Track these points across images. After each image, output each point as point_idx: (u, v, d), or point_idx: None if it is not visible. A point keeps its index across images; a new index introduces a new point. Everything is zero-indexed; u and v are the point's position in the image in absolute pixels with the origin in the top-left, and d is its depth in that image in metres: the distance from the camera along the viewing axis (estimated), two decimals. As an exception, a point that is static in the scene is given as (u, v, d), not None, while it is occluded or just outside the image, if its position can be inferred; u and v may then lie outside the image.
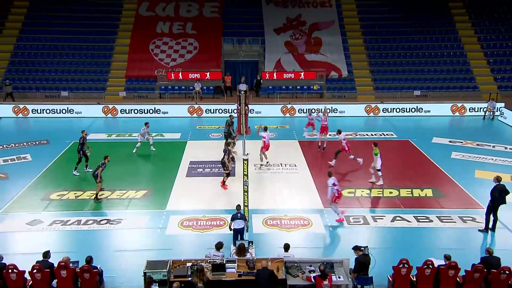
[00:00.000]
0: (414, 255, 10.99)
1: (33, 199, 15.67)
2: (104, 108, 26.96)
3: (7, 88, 28.37)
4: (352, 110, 27.42)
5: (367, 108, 27.41)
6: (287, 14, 34.53)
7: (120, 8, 35.02)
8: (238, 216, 12.20)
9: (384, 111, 27.39)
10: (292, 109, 27.32)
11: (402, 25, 34.03)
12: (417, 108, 27.47)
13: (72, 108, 26.86)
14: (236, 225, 12.11)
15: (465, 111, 27.44)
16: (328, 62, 31.87)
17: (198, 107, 27.22)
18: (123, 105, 27.41)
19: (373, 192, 16.40)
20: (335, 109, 27.14)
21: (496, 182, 13.39)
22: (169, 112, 27.15)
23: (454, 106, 27.48)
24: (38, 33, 32.52)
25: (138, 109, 27.12)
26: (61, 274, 10.01)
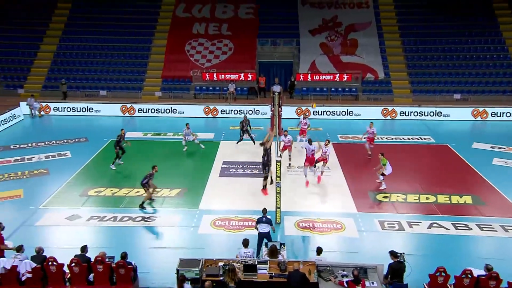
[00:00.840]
0: (452, 264, 10.63)
1: (72, 195, 16.19)
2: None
3: (62, 87, 29.44)
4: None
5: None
6: (323, 15, 34.24)
7: (158, 9, 35.70)
8: (264, 220, 12.09)
9: (421, 114, 26.66)
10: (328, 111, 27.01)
11: (442, 26, 33.05)
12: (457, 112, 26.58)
13: (110, 107, 27.52)
14: (261, 229, 12.01)
15: (508, 116, 26.32)
16: (364, 64, 31.37)
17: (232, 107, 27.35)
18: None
19: (409, 198, 15.98)
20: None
21: None
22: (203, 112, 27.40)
23: (495, 110, 26.44)
24: (79, 34, 33.58)
25: (171, 108, 27.49)
26: (98, 268, 10.28)
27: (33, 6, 34.70)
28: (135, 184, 17.01)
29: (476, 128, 25.20)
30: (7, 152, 20.62)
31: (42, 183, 17.21)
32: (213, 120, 26.68)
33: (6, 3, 34.42)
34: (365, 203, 15.61)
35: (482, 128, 25.17)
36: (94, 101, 28.75)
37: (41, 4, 34.94)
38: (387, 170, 16.35)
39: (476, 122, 26.09)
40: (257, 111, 26.97)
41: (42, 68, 32.07)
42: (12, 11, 34.31)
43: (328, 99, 30.02)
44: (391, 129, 24.59)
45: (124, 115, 27.33)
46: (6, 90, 30.90)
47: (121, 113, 27.34)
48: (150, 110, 27.48)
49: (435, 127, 24.98)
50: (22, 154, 20.26)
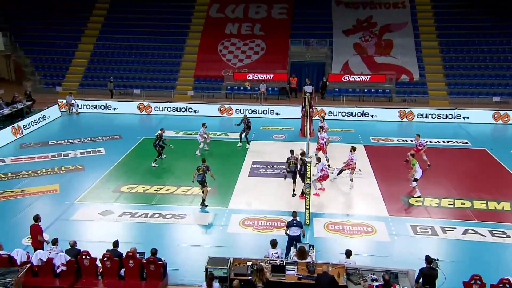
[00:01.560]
0: (488, 272, 10.29)
1: (105, 191, 16.59)
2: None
3: (110, 85, 30.24)
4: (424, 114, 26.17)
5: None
6: (357, 15, 33.77)
7: (192, 9, 36.16)
8: (294, 223, 11.96)
9: (459, 117, 25.86)
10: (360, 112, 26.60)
11: (481, 26, 31.97)
12: (493, 115, 25.64)
13: (145, 105, 28.05)
14: (292, 232, 11.89)
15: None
16: (399, 65, 30.72)
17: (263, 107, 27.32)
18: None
19: (443, 202, 15.52)
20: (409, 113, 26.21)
21: None
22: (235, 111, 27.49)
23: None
24: (116, 33, 34.46)
25: (204, 107, 27.71)
26: (129, 263, 10.49)
27: (72, 6, 35.83)
28: (165, 181, 17.34)
29: None
30: (45, 148, 21.35)
31: (77, 178, 17.72)
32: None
33: (46, 3, 35.67)
34: (397, 207, 15.27)
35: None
36: (128, 99, 29.43)
37: (80, 4, 36.04)
38: (417, 173, 15.91)
39: None
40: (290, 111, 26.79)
41: (79, 66, 33.08)
42: (51, 11, 35.53)
43: (361, 100, 29.56)
44: (425, 131, 23.90)
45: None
46: (45, 87, 32.02)
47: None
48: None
49: (473, 130, 24.18)
50: (59, 150, 20.93)
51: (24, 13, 35.44)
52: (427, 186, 16.73)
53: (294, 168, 15.62)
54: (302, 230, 11.96)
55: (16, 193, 16.33)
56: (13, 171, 18.37)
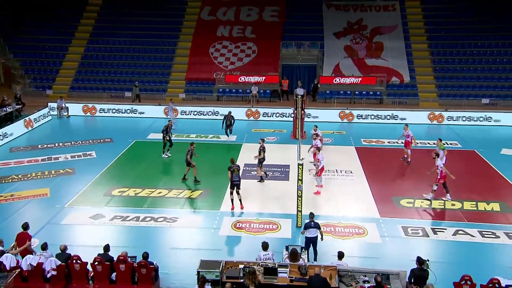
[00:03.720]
0: (478, 272, 10.35)
1: (96, 194, 16.48)
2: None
3: (135, 89, 29.82)
4: (414, 117, 26.38)
5: (430, 115, 26.31)
6: (348, 18, 33.97)
7: (183, 12, 36.14)
8: (312, 224, 11.90)
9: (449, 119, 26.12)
10: (350, 114, 26.74)
11: (471, 29, 32.32)
12: (486, 117, 25.91)
13: (136, 109, 27.96)
14: (309, 234, 11.86)
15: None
16: (389, 67, 30.94)
17: (256, 110, 27.33)
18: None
19: (434, 204, 15.64)
20: (395, 116, 26.33)
21: None
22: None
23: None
24: (106, 36, 34.31)
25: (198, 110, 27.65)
26: (120, 267, 10.42)
27: (63, 9, 35.63)
28: (157, 185, 17.25)
29: (506, 134, 24.41)
30: (35, 151, 21.17)
31: (68, 182, 17.58)
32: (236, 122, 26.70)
33: (36, 5, 35.42)
34: (388, 208, 15.35)
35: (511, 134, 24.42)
36: (119, 102, 29.32)
37: (71, 7, 35.84)
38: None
39: (507, 128, 25.30)
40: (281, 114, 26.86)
41: (70, 69, 32.86)
42: (42, 14, 35.28)
43: (352, 102, 29.71)
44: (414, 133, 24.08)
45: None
46: (35, 91, 31.76)
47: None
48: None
49: (462, 132, 24.43)
50: (49, 153, 20.76)
51: (13, 16, 35.15)
52: (418, 187, 16.86)
53: (238, 176, 15.26)
54: (320, 231, 11.92)
55: (6, 197, 16.16)
56: (3, 175, 18.17)
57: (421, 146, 21.10)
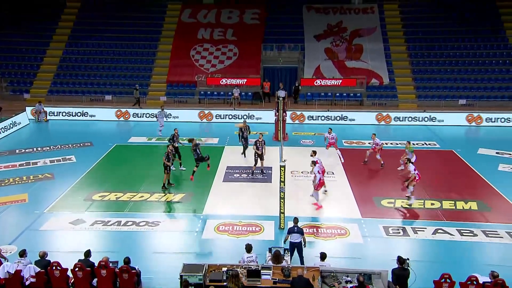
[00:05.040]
0: (457, 270, 10.55)
1: (76, 199, 16.23)
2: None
3: (136, 92, 29.32)
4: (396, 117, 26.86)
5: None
6: (328, 20, 34.31)
7: (163, 14, 35.94)
8: (295, 229, 11.87)
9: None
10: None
11: (448, 31, 33.02)
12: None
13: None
14: (293, 239, 11.83)
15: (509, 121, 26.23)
16: (369, 69, 31.35)
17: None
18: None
19: (414, 204, 15.87)
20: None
21: None
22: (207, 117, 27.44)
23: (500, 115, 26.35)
24: (85, 39, 33.87)
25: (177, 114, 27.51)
26: (101, 273, 10.28)
27: (40, 12, 35.03)
28: (139, 189, 17.09)
29: (481, 134, 25.01)
30: (13, 156, 20.73)
31: (47, 187, 17.27)
32: (217, 125, 26.69)
33: (13, 8, 34.75)
34: (370, 209, 15.53)
35: (489, 134, 24.95)
36: (99, 105, 28.99)
37: (48, 9, 35.26)
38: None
39: (483, 128, 25.91)
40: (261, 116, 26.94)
41: (48, 73, 32.34)
42: (19, 17, 34.63)
43: (333, 104, 29.99)
44: (395, 134, 24.48)
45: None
46: (12, 95, 31.16)
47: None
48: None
49: (441, 132, 24.91)
50: (27, 158, 20.35)
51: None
52: (399, 187, 17.12)
53: (196, 155, 16.22)
54: (302, 236, 11.87)
55: (-18, 204, 15.79)
56: (-21, 181, 17.76)
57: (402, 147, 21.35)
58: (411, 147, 18.12)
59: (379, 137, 19.65)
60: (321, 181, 15.53)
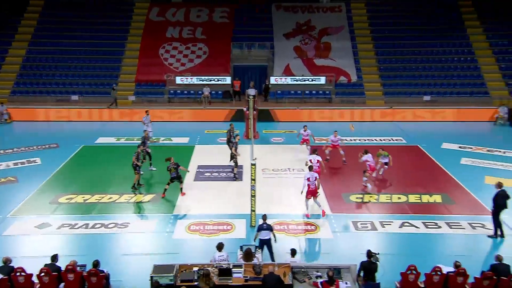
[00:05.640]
0: (423, 262, 10.88)
1: (42, 203, 15.81)
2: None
3: (113, 92, 28.55)
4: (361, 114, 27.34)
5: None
6: (296, 19, 34.56)
7: (131, 13, 35.32)
8: (264, 226, 11.97)
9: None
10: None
11: (413, 30, 33.79)
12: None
13: (82, 112, 27.05)
14: (262, 236, 11.93)
15: (475, 116, 27.17)
16: (337, 67, 31.76)
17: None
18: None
19: (381, 198, 16.28)
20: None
21: (498, 188, 13.36)
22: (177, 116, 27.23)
23: (463, 111, 27.29)
24: (50, 37, 32.89)
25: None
26: (68, 277, 10.07)
27: (1, 9, 33.79)
28: (107, 190, 16.81)
29: (446, 129, 25.77)
30: (-26, 160, 20.01)
31: (10, 191, 16.75)
32: (188, 124, 26.50)
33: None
34: (339, 204, 15.81)
35: (452, 129, 25.76)
36: (65, 105, 28.29)
37: (9, 7, 34.05)
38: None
39: (447, 123, 26.72)
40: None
41: (10, 73, 31.19)
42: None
43: (303, 102, 30.27)
44: (362, 130, 24.93)
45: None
46: (-28, 96, 29.97)
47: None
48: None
49: (406, 128, 25.57)
50: (-11, 161, 19.69)
51: None
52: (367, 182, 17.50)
53: (175, 174, 16.12)
54: (272, 233, 11.97)
55: None
56: None
57: (369, 143, 21.84)
58: (384, 153, 17.97)
59: (346, 134, 19.97)
60: (310, 189, 14.57)
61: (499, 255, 10.53)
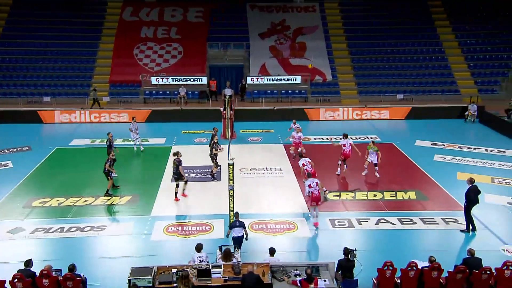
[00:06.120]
0: (398, 257, 11.09)
1: (14, 207, 15.40)
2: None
3: (94, 93, 28.06)
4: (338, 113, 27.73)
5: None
6: (271, 19, 34.72)
7: (104, 12, 34.77)
8: (237, 223, 12.03)
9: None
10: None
11: (385, 29, 34.46)
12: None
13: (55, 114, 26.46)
14: (235, 233, 11.96)
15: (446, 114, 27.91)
16: (313, 66, 32.05)
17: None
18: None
19: (358, 195, 16.53)
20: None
21: (470, 184, 13.73)
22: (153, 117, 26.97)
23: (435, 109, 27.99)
24: (20, 37, 32.06)
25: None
26: (43, 282, 9.85)
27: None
28: (82, 193, 16.51)
29: (419, 126, 26.33)
30: None
31: (-19, 196, 16.25)
32: (164, 125, 26.26)
33: None
34: (316, 203, 15.93)
35: (425, 126, 26.35)
36: (37, 107, 27.64)
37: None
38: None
39: (419, 121, 27.32)
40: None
41: (-22, 73, 30.32)
42: None
43: (279, 101, 30.43)
44: (338, 129, 25.22)
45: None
46: None
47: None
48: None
49: (381, 126, 26.04)
50: (-43, 165, 19.05)
51: None
52: (343, 180, 17.72)
53: (175, 170, 16.02)
54: (244, 230, 12.03)
55: None
56: None
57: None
58: (374, 148, 18.10)
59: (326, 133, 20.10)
60: (314, 196, 14.03)
61: (471, 249, 10.85)
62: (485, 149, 21.60)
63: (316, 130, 25.15)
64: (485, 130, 25.49)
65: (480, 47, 33.65)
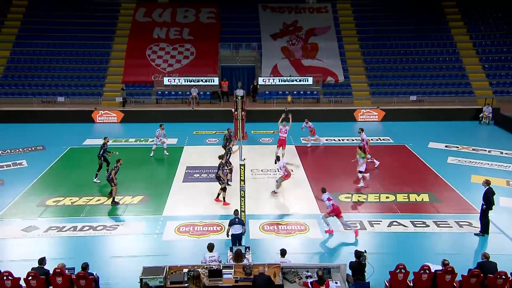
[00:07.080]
0: (411, 260, 11.01)
1: (28, 206, 15.59)
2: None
3: (122, 92, 28.48)
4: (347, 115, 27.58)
5: None
6: (283, 19, 34.69)
7: (117, 13, 35.10)
8: (236, 221, 12.13)
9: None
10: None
11: (398, 30, 34.23)
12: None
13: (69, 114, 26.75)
14: (234, 231, 12.06)
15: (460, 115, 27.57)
16: (325, 67, 31.98)
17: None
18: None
19: (370, 197, 16.40)
20: None
21: (486, 186, 13.52)
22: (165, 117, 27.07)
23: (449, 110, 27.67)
24: (35, 38, 32.52)
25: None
26: (57, 281, 9.95)
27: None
28: (95, 192, 16.66)
29: (432, 128, 26.05)
30: (-42, 162, 19.67)
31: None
32: (176, 125, 26.37)
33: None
34: (328, 204, 15.84)
35: (438, 128, 26.07)
36: (51, 107, 27.98)
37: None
38: (361, 167, 17.01)
39: (433, 123, 27.03)
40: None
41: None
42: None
43: (291, 102, 30.35)
44: (350, 130, 25.11)
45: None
46: (-45, 97, 29.45)
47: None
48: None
49: (394, 128, 25.82)
50: (-26, 164, 19.38)
51: None
52: (354, 182, 17.60)
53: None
54: (244, 227, 12.10)
55: None
56: None
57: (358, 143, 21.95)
58: (361, 154, 17.52)
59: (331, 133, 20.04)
60: (335, 207, 13.69)
61: (486, 253, 10.69)
62: (500, 152, 21.31)
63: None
64: (500, 132, 25.14)
65: (495, 48, 33.21)
